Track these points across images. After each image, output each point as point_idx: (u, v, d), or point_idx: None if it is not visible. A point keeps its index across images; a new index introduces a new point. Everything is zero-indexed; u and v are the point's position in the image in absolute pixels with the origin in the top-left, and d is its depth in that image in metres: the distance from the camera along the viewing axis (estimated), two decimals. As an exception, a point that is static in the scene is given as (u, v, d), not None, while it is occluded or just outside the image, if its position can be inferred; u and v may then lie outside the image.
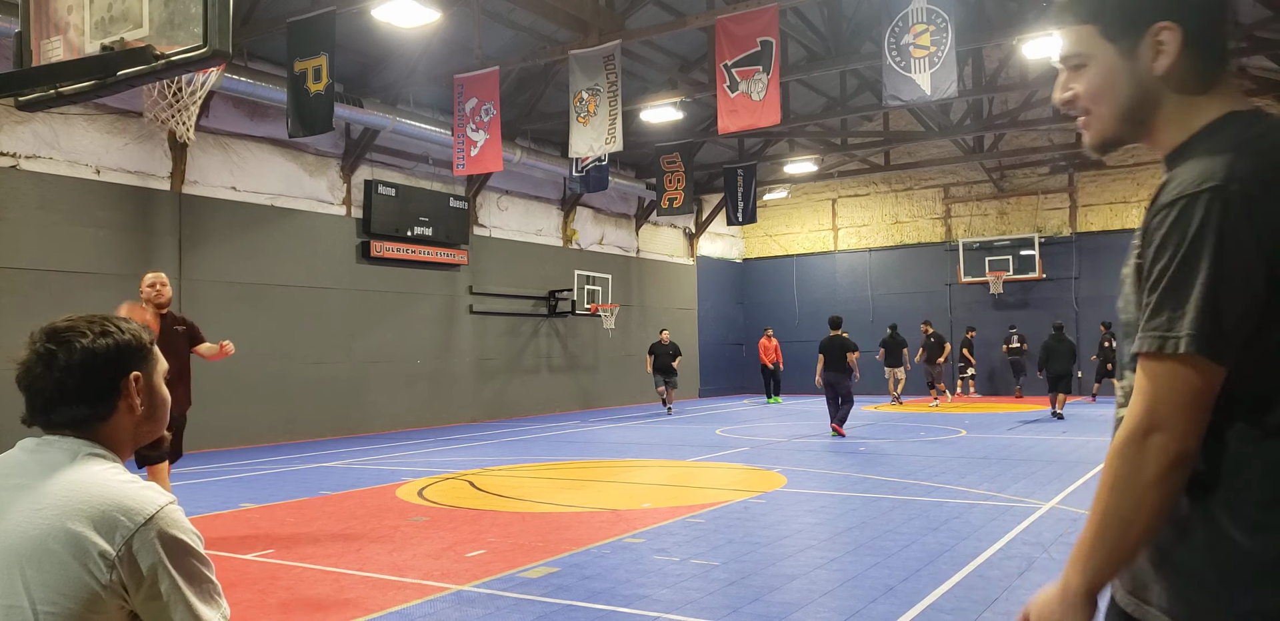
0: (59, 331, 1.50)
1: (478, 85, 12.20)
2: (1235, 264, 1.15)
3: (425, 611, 4.46)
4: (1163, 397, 1.18)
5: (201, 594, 1.41)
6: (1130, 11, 1.29)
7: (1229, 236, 1.15)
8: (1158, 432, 1.18)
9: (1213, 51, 1.29)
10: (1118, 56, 1.32)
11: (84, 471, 1.42)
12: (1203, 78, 1.29)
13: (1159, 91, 1.31)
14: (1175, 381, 1.18)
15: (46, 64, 3.65)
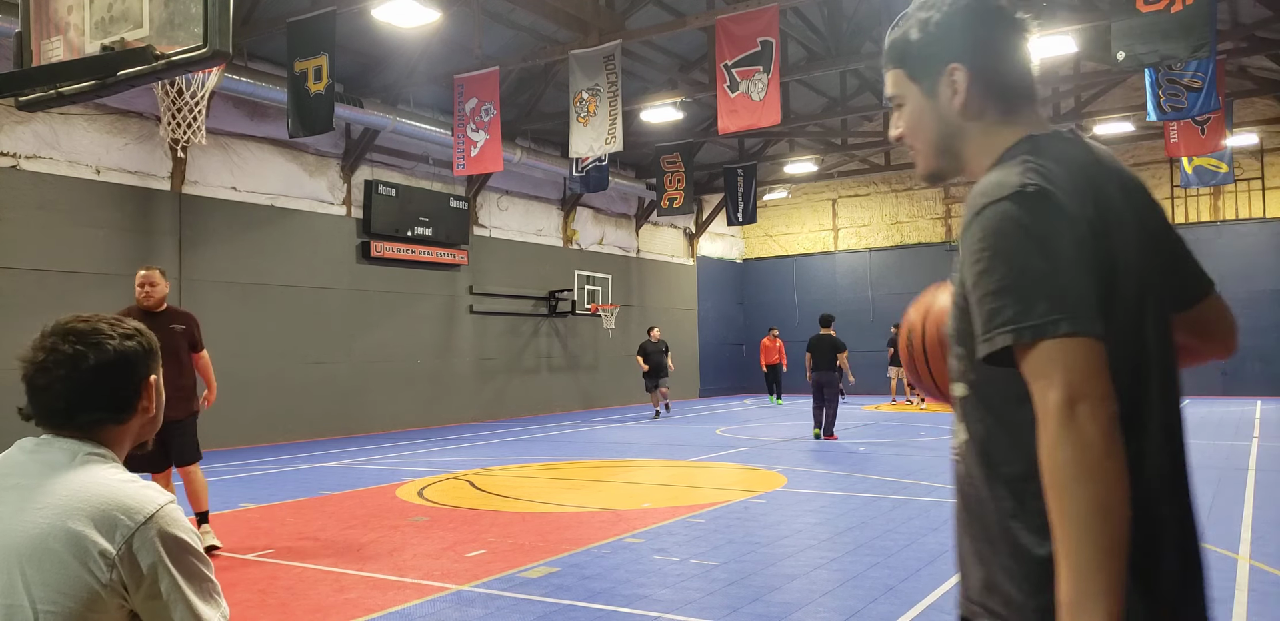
0: (84, 333, 1.48)
1: (478, 85, 12.20)
2: (1063, 249, 1.20)
3: (425, 611, 4.46)
4: (1070, 370, 1.17)
5: (201, 592, 1.41)
6: (926, 55, 1.43)
7: (1048, 228, 1.21)
8: (1083, 402, 1.15)
9: (1004, 86, 1.41)
10: (922, 96, 1.45)
11: (83, 471, 1.42)
12: (1000, 110, 1.41)
13: (961, 125, 1.43)
14: (1072, 355, 1.17)
15: (46, 64, 3.65)
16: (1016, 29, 1.42)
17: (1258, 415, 14.92)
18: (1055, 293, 1.19)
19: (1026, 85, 1.43)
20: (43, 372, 1.45)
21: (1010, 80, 1.42)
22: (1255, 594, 4.54)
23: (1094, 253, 1.23)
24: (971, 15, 1.40)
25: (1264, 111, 18.44)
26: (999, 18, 1.41)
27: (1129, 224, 1.31)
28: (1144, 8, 8.35)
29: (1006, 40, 1.41)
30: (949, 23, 1.41)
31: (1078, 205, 1.25)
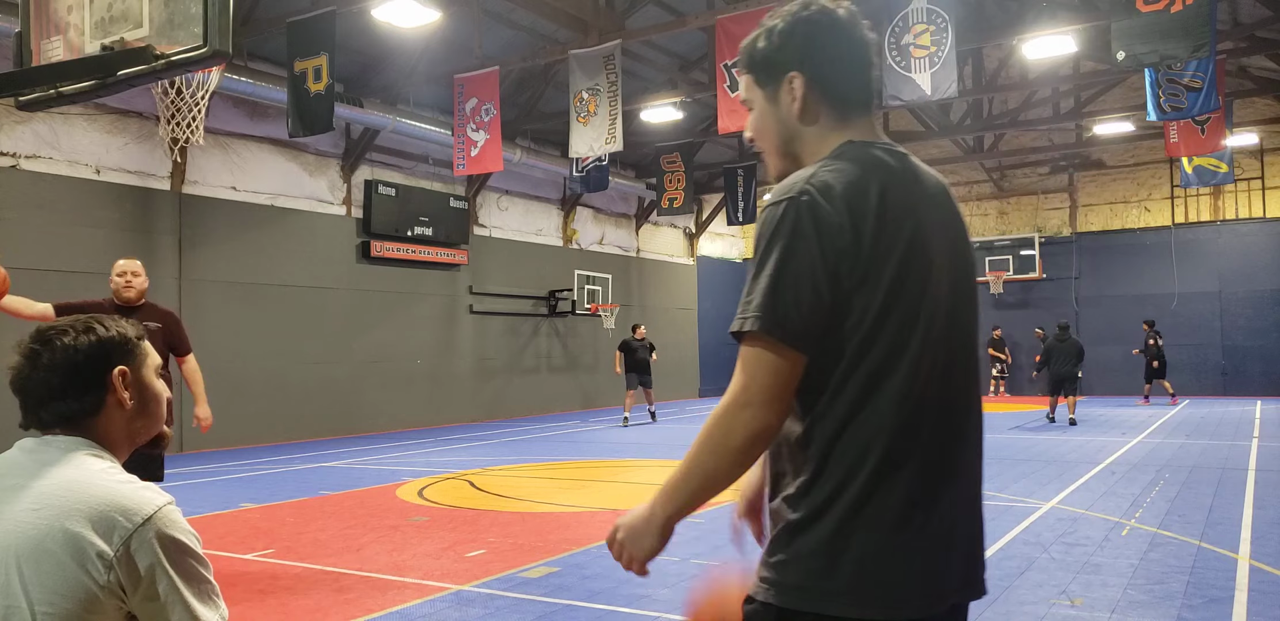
0: (43, 332, 1.52)
1: (478, 85, 12.19)
2: (797, 259, 1.33)
3: (425, 611, 4.46)
4: (752, 376, 1.33)
5: (200, 594, 1.41)
6: (769, 63, 1.52)
7: (794, 236, 1.33)
8: (749, 408, 1.33)
9: (839, 94, 1.50)
10: (766, 101, 1.55)
11: (82, 471, 1.42)
12: (834, 116, 1.51)
13: (798, 129, 1.52)
14: (760, 361, 1.33)
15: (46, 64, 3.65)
16: (854, 41, 1.50)
17: (1258, 415, 14.92)
18: (773, 299, 1.32)
19: (861, 94, 1.52)
20: (16, 375, 1.51)
21: (845, 89, 1.51)
22: (1255, 594, 4.54)
23: (835, 267, 1.33)
24: (811, 26, 1.48)
25: (1264, 111, 18.44)
26: (837, 30, 1.49)
27: (925, 235, 1.41)
28: (1144, 8, 8.35)
29: (843, 51, 1.50)
30: (790, 32, 1.49)
31: (849, 215, 1.34)
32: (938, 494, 1.39)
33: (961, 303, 1.47)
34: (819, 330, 1.34)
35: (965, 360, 1.47)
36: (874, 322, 1.35)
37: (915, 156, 1.55)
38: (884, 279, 1.35)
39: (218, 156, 12.56)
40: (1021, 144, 20.45)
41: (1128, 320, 19.60)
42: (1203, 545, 5.62)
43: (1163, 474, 8.62)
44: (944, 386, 1.41)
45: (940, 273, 1.42)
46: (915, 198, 1.44)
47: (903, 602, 1.34)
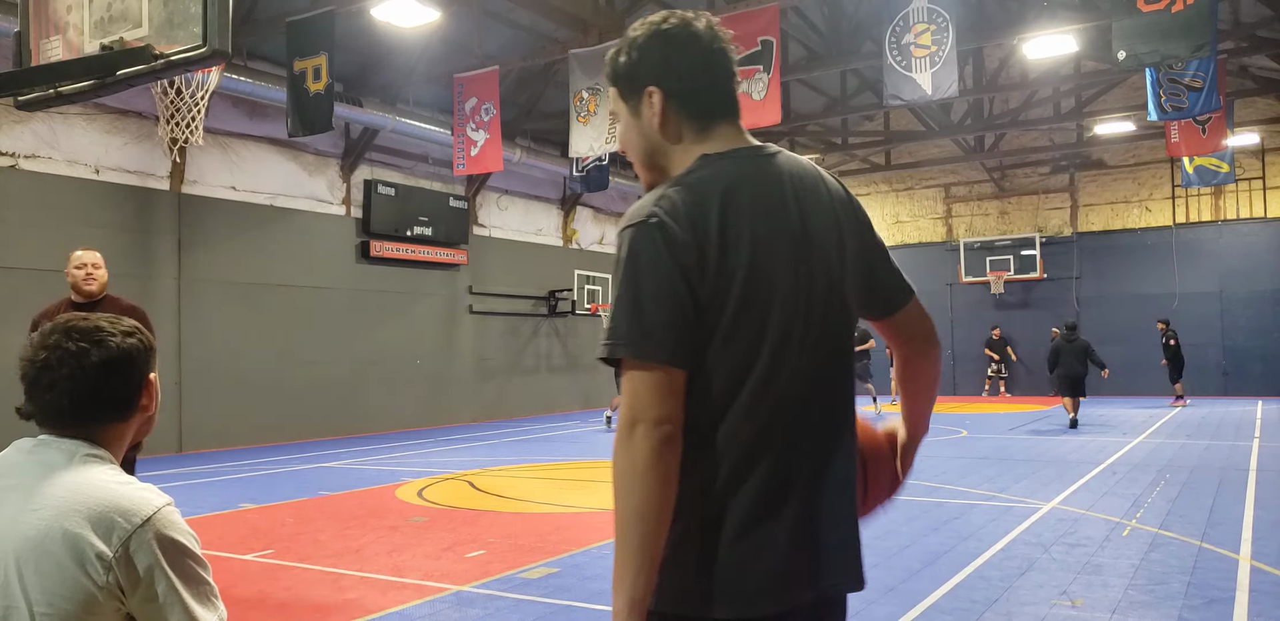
0: (87, 331, 1.47)
1: (478, 85, 12.19)
2: (656, 279, 1.36)
3: (425, 611, 4.45)
4: (634, 395, 1.36)
5: (198, 595, 1.41)
6: (631, 77, 1.53)
7: (644, 258, 1.37)
8: (640, 424, 1.34)
9: (698, 108, 1.51)
10: (629, 114, 1.56)
11: (81, 472, 1.41)
12: (694, 129, 1.51)
13: (660, 143, 1.53)
14: (637, 382, 1.36)
15: (46, 64, 3.65)
16: (712, 53, 1.50)
17: (1258, 415, 14.91)
18: (638, 320, 1.36)
19: (720, 106, 1.52)
20: (46, 371, 1.44)
21: (703, 102, 1.51)
22: (1255, 594, 4.53)
23: (691, 284, 1.36)
24: (667, 40, 1.49)
25: (1265, 111, 18.43)
26: (693, 43, 1.49)
27: (775, 241, 1.43)
28: (1144, 7, 8.34)
29: (700, 64, 1.50)
30: (647, 47, 1.50)
31: (693, 233, 1.37)
32: (788, 497, 1.42)
33: (832, 305, 1.49)
34: (689, 344, 1.38)
35: (831, 363, 1.49)
36: (726, 334, 1.39)
37: (784, 157, 1.54)
38: (732, 292, 1.38)
39: (217, 156, 12.55)
40: (1022, 144, 20.44)
41: (1129, 320, 19.60)
42: (1203, 545, 5.61)
43: (1164, 474, 8.61)
44: (804, 392, 1.44)
45: (797, 277, 1.44)
46: (769, 203, 1.45)
47: (753, 600, 1.38)
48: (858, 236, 1.57)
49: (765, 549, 1.40)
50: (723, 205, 1.41)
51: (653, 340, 1.36)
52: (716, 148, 1.50)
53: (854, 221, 1.57)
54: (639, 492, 1.35)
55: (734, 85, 1.54)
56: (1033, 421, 14.53)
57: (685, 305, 1.37)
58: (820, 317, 1.47)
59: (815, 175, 1.55)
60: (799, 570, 1.42)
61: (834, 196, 1.55)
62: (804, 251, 1.46)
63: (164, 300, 11.74)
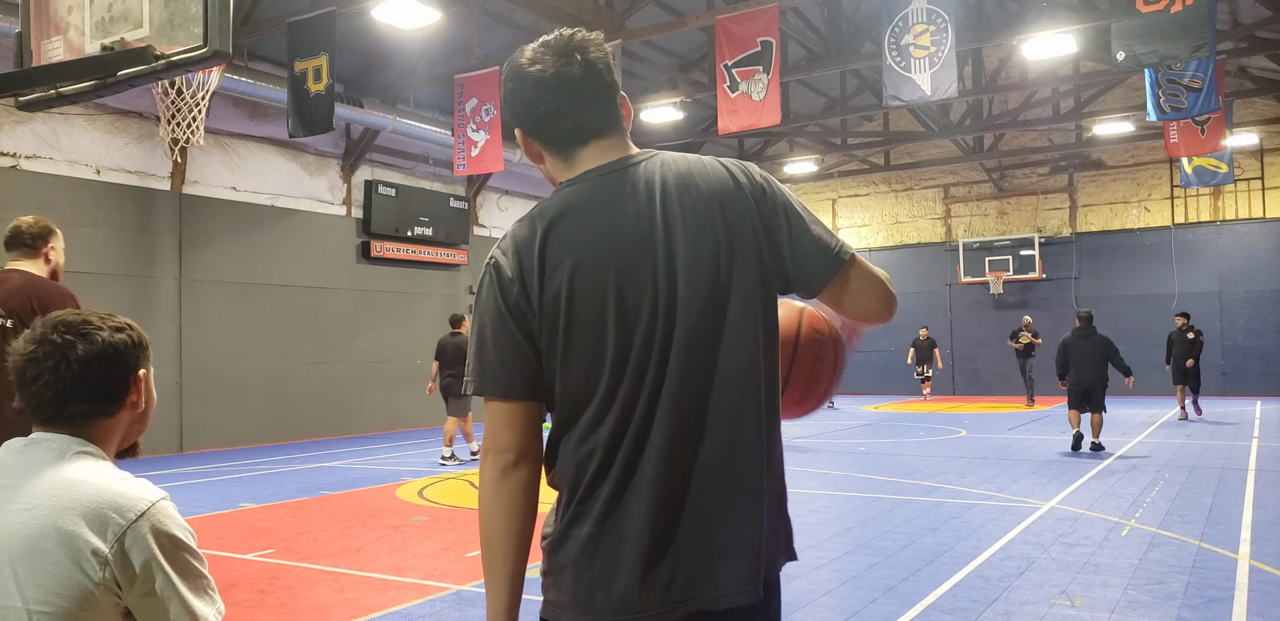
0: (73, 324, 1.48)
1: (478, 85, 12.19)
2: (490, 318, 1.45)
3: (425, 611, 4.46)
4: (485, 428, 1.47)
5: (196, 589, 1.41)
6: (510, 121, 1.56)
7: (485, 297, 1.46)
8: (487, 453, 1.45)
9: (549, 138, 1.52)
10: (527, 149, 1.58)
11: (73, 469, 1.41)
12: (561, 161, 1.53)
13: (549, 175, 1.58)
14: (486, 415, 1.46)
15: (46, 64, 3.65)
16: (543, 82, 1.47)
17: (1258, 415, 14.91)
18: (479, 359, 1.46)
19: (573, 131, 1.50)
20: (32, 363, 1.45)
21: (553, 132, 1.51)
22: (1255, 594, 4.54)
23: (521, 318, 1.42)
24: (509, 82, 1.52)
25: (1264, 111, 18.44)
26: (524, 78, 1.49)
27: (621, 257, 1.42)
28: (1144, 8, 8.35)
29: (533, 96, 1.48)
30: (505, 90, 1.53)
31: (518, 265, 1.43)
32: (640, 514, 1.40)
33: (708, 306, 1.44)
34: (528, 376, 1.44)
35: (706, 367, 1.44)
36: (562, 361, 1.43)
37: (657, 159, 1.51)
38: (560, 317, 1.41)
39: (218, 156, 12.55)
40: (1021, 144, 20.45)
41: (1128, 320, 19.58)
42: (1203, 545, 5.62)
43: (1163, 474, 8.62)
44: (658, 402, 1.42)
45: (640, 287, 1.42)
46: (600, 224, 1.44)
47: (610, 616, 1.40)
48: (750, 220, 1.48)
49: (614, 565, 1.40)
50: (545, 232, 1.44)
51: (487, 377, 1.45)
52: (573, 174, 1.51)
53: (741, 207, 1.48)
54: (484, 518, 1.44)
55: (594, 105, 1.49)
56: (1031, 421, 14.53)
57: (519, 340, 1.43)
58: (688, 321, 1.43)
59: (689, 172, 1.50)
60: (659, 585, 1.40)
61: (714, 188, 1.49)
62: (654, 260, 1.43)
63: (164, 300, 11.75)
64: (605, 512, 1.42)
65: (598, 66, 1.50)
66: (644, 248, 1.43)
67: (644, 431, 1.42)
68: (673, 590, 1.40)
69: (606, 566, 1.40)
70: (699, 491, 1.43)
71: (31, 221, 3.69)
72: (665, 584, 1.40)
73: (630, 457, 1.42)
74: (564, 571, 1.44)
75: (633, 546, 1.40)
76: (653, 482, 1.41)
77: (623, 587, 1.39)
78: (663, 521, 1.41)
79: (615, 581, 1.40)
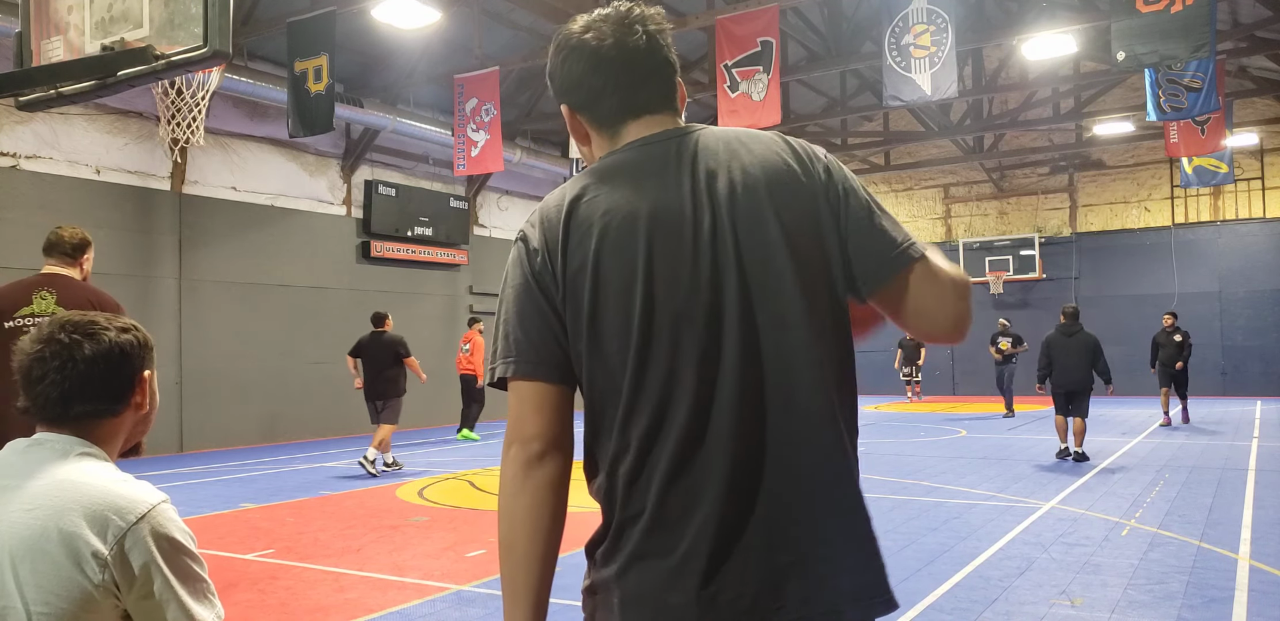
0: (80, 324, 1.49)
1: (478, 85, 12.19)
2: (517, 295, 1.34)
3: (425, 611, 4.46)
4: (510, 417, 1.34)
5: (195, 593, 1.40)
6: (555, 97, 1.46)
7: (510, 274, 1.36)
8: (511, 445, 1.32)
9: (600, 114, 1.42)
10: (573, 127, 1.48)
11: (75, 470, 1.41)
12: (607, 138, 1.43)
13: (590, 156, 1.48)
14: (512, 402, 1.34)
15: (46, 64, 3.65)
16: (600, 55, 1.37)
17: (1258, 415, 14.91)
18: (505, 339, 1.34)
19: (625, 106, 1.40)
20: (39, 363, 1.46)
21: (604, 108, 1.41)
22: (1255, 594, 4.54)
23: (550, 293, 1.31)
24: (556, 57, 1.43)
25: (1264, 111, 18.44)
26: (576, 52, 1.39)
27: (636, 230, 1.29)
28: (1144, 8, 8.35)
29: (587, 70, 1.39)
30: (552, 65, 1.44)
31: (544, 237, 1.33)
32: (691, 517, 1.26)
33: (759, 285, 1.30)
34: (558, 356, 1.31)
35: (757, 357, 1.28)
36: (589, 341, 1.29)
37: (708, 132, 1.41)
38: (583, 294, 1.29)
39: (218, 156, 12.55)
40: (1021, 144, 20.45)
41: (1128, 320, 19.59)
42: (1203, 545, 5.62)
43: (1163, 474, 8.62)
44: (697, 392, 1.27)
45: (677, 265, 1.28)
46: (631, 195, 1.31)
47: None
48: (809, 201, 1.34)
49: (671, 579, 1.26)
50: (574, 199, 1.33)
51: (515, 356, 1.31)
52: (625, 140, 1.41)
53: (796, 185, 1.35)
54: (505, 520, 1.32)
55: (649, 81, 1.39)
56: (1033, 421, 14.53)
57: (548, 316, 1.31)
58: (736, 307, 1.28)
59: (743, 143, 1.39)
60: (722, 602, 1.25)
61: (771, 162, 1.37)
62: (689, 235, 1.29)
63: (164, 300, 11.75)
64: (656, 518, 1.28)
65: (660, 41, 1.40)
66: (681, 219, 1.30)
67: (692, 424, 1.27)
68: (738, 608, 1.25)
69: (661, 582, 1.26)
70: (770, 492, 1.28)
71: (73, 231, 3.93)
72: (729, 600, 1.25)
73: (679, 454, 1.27)
74: (611, 588, 1.32)
75: (692, 558, 1.25)
76: (712, 483, 1.26)
77: (680, 605, 1.25)
78: (725, 528, 1.26)
79: (671, 598, 1.25)
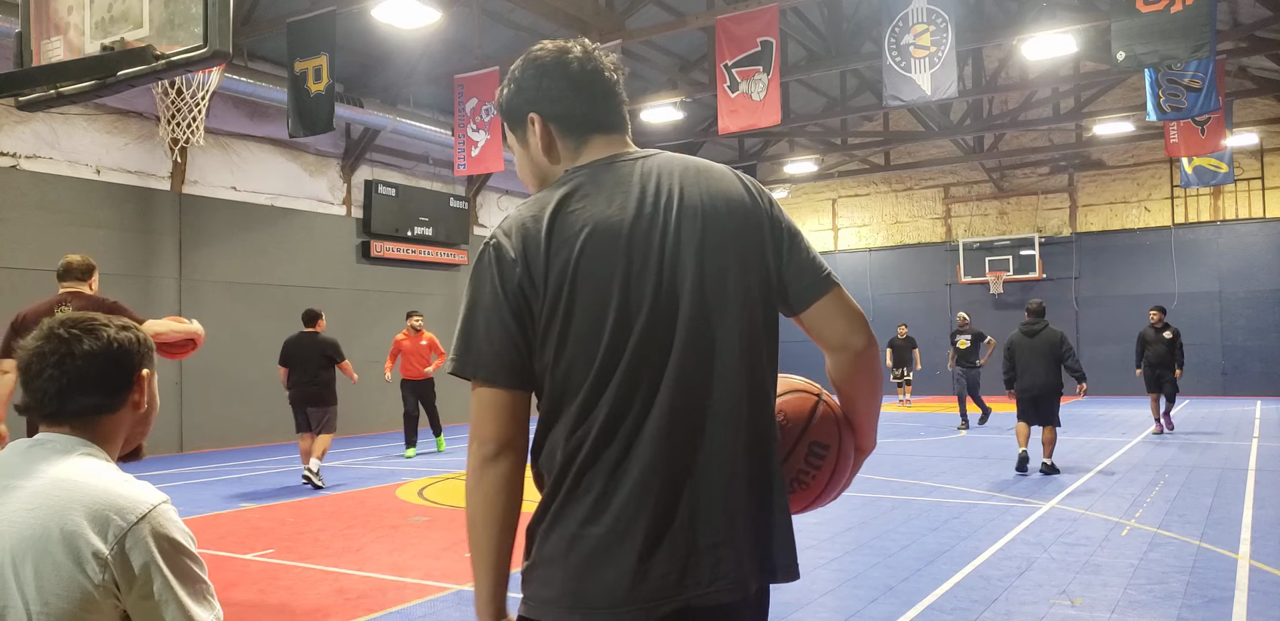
0: (80, 320, 1.51)
1: (478, 85, 12.19)
2: (484, 301, 1.44)
3: (425, 611, 4.46)
4: (471, 416, 1.45)
5: (194, 594, 1.40)
6: (512, 108, 1.61)
7: (478, 280, 1.46)
8: (472, 442, 1.44)
9: (572, 126, 1.57)
10: (519, 144, 1.64)
11: (76, 470, 1.41)
12: (570, 148, 1.58)
13: (548, 167, 1.61)
14: (474, 399, 1.45)
15: (46, 64, 3.65)
16: (585, 73, 1.57)
17: (1258, 415, 14.92)
18: (465, 341, 1.45)
19: (594, 122, 1.58)
20: (38, 358, 1.47)
21: (577, 120, 1.57)
22: (1255, 594, 4.54)
23: (521, 304, 1.42)
24: (538, 68, 1.57)
25: (1264, 111, 18.44)
26: (560, 68, 1.56)
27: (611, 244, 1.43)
28: (1144, 8, 8.35)
29: (569, 86, 1.56)
30: (524, 77, 1.58)
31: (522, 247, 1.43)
32: (629, 503, 1.39)
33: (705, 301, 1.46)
34: (517, 363, 1.43)
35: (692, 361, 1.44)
36: (558, 345, 1.42)
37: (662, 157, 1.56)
38: (560, 303, 1.41)
39: (218, 156, 12.55)
40: (1021, 144, 20.45)
41: (1128, 320, 19.59)
42: (1203, 545, 5.62)
43: (1162, 474, 8.62)
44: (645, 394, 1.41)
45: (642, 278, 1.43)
46: (606, 209, 1.46)
47: (592, 613, 1.40)
48: (755, 229, 1.53)
49: (607, 557, 1.39)
50: (553, 215, 1.45)
51: (476, 360, 1.43)
52: (583, 161, 1.56)
53: (750, 215, 1.54)
54: (470, 504, 1.46)
55: (611, 103, 1.59)
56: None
57: (510, 328, 1.42)
58: (693, 312, 1.45)
59: (699, 170, 1.56)
60: (652, 577, 1.38)
61: (722, 191, 1.54)
62: (655, 249, 1.45)
63: (164, 300, 11.75)
64: (598, 503, 1.40)
65: (617, 73, 1.61)
66: (649, 235, 1.46)
67: (640, 421, 1.41)
68: (666, 583, 1.39)
69: (598, 558, 1.39)
70: (696, 484, 1.43)
71: (83, 258, 4.67)
72: (659, 576, 1.38)
73: (625, 447, 1.41)
74: (552, 563, 1.44)
75: (627, 537, 1.39)
76: (649, 473, 1.40)
77: (613, 579, 1.38)
78: (659, 513, 1.40)
79: (606, 573, 1.38)
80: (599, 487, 1.41)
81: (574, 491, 1.42)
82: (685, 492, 1.42)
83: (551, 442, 1.45)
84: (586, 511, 1.41)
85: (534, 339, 1.43)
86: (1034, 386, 8.72)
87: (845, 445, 1.68)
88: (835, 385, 1.66)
